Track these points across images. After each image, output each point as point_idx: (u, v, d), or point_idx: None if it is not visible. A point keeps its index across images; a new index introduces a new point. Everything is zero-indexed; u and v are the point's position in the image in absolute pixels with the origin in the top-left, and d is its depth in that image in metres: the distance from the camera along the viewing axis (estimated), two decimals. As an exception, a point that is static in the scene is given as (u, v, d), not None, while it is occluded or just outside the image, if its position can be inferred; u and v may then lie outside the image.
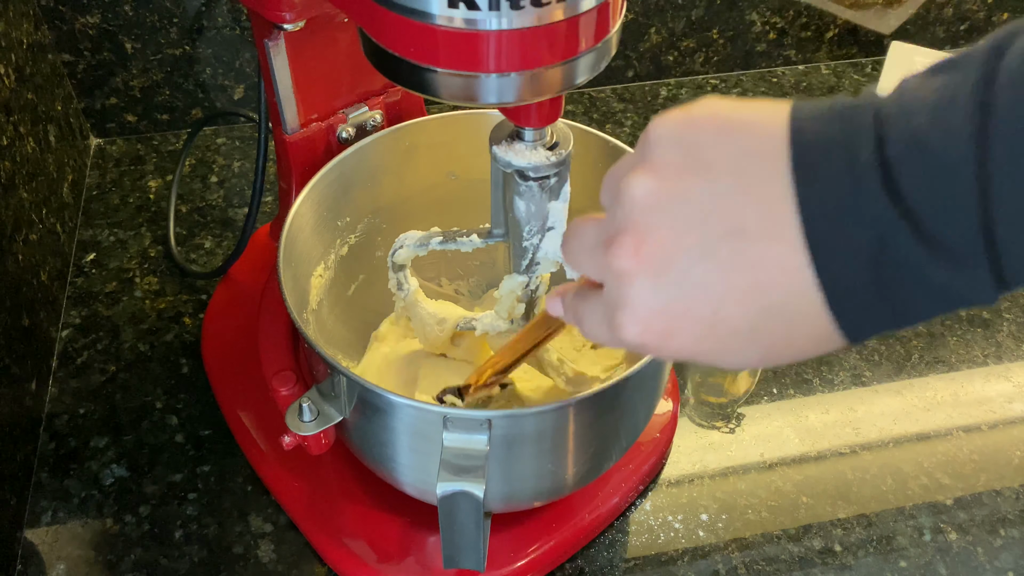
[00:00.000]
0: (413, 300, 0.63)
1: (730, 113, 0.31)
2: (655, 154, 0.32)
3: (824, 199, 0.28)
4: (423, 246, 0.58)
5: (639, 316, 0.32)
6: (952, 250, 0.27)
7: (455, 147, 0.66)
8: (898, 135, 0.27)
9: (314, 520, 0.63)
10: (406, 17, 0.39)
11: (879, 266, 0.28)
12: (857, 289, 0.29)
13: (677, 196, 0.31)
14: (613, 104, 1.02)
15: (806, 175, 0.29)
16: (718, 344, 0.32)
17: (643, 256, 0.31)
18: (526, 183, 0.49)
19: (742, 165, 0.30)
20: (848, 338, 0.30)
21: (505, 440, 0.50)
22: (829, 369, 0.77)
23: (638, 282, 0.32)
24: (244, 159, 0.94)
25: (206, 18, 0.90)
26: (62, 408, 0.72)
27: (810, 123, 0.29)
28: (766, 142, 0.30)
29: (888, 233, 0.27)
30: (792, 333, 0.31)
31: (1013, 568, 0.64)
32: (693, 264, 0.31)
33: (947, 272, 0.27)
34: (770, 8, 1.01)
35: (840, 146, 0.28)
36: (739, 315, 0.31)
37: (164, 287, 0.81)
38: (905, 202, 0.27)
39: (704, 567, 0.63)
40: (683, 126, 0.32)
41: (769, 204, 0.29)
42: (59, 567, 0.63)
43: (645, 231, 0.31)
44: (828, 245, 0.29)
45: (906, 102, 0.28)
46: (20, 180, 0.73)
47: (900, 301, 0.29)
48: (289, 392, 0.57)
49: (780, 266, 0.29)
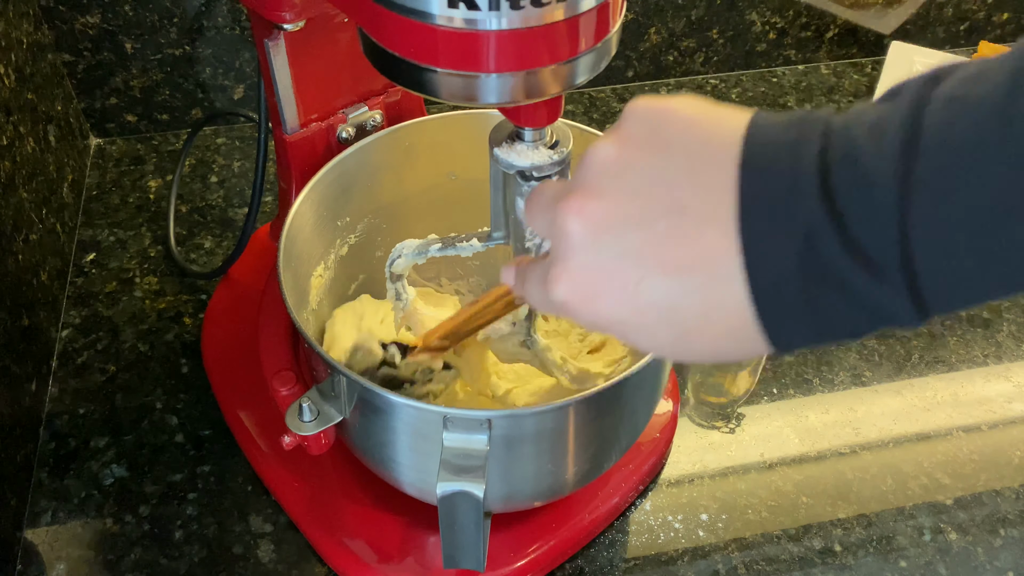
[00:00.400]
0: (412, 309, 0.63)
1: (702, 109, 0.33)
2: (624, 125, 0.34)
3: (763, 191, 0.30)
4: (422, 254, 0.58)
5: (570, 272, 0.34)
6: (872, 259, 0.28)
7: (455, 147, 0.66)
8: (838, 145, 0.29)
9: (314, 520, 0.63)
10: (406, 17, 0.39)
11: (805, 264, 0.29)
12: (781, 284, 0.30)
13: (631, 165, 0.33)
14: (613, 104, 1.02)
15: (751, 169, 0.30)
16: (635, 315, 0.33)
17: (586, 215, 0.33)
18: (528, 183, 0.49)
19: (697, 150, 0.32)
20: (768, 336, 0.31)
21: (505, 440, 0.50)
22: (829, 369, 0.77)
23: (576, 239, 0.33)
24: (244, 159, 0.94)
25: (206, 18, 0.90)
26: (62, 408, 0.72)
27: (767, 128, 0.31)
28: (724, 136, 0.31)
29: (816, 232, 0.29)
30: (709, 319, 0.32)
31: (1013, 568, 0.64)
32: (630, 230, 0.32)
33: (867, 280, 0.28)
34: (770, 8, 1.01)
35: (787, 149, 0.30)
36: (661, 288, 0.32)
37: (164, 287, 0.81)
38: (835, 205, 0.28)
39: (704, 567, 0.63)
40: (657, 108, 0.34)
41: (713, 189, 0.31)
42: (59, 567, 0.63)
43: (595, 192, 0.33)
44: (759, 234, 0.30)
45: (851, 119, 0.30)
46: (20, 180, 0.73)
47: (823, 304, 0.29)
48: (289, 392, 0.57)
49: (711, 247, 0.31)
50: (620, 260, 0.33)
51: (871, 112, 0.30)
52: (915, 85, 0.29)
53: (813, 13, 1.02)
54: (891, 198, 0.28)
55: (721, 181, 0.31)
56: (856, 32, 1.06)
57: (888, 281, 0.28)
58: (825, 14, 1.03)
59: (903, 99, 0.29)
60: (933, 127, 0.28)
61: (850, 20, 1.04)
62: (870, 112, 0.30)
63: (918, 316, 0.29)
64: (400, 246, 0.59)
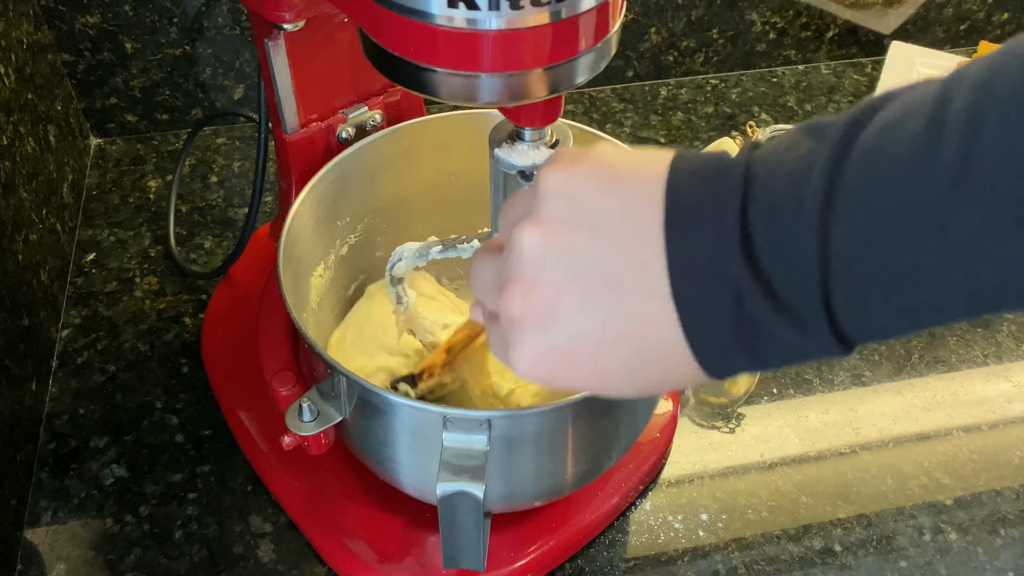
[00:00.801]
0: (414, 312, 0.63)
1: (614, 167, 0.33)
2: (543, 207, 0.34)
3: (689, 257, 0.31)
4: (422, 256, 0.58)
5: (527, 357, 0.35)
6: (797, 313, 0.30)
7: (455, 147, 0.66)
8: (759, 200, 0.30)
9: (314, 520, 0.63)
10: (406, 17, 0.39)
11: (737, 321, 0.30)
12: (719, 340, 0.31)
13: (561, 251, 0.33)
14: (613, 104, 1.02)
15: (675, 235, 0.31)
16: (600, 382, 0.35)
17: (530, 305, 0.34)
18: (528, 183, 0.49)
19: (621, 225, 0.32)
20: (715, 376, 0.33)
21: (505, 440, 0.50)
22: (829, 369, 0.77)
23: (526, 329, 0.35)
24: (244, 159, 0.94)
25: (206, 18, 0.90)
26: (62, 408, 0.72)
27: (686, 181, 0.31)
28: (644, 199, 0.32)
29: (744, 292, 0.30)
30: (666, 375, 0.34)
31: (1013, 568, 0.64)
32: (576, 314, 0.33)
33: (793, 332, 0.30)
34: (770, 8, 1.01)
35: (708, 206, 0.31)
36: (618, 361, 0.34)
37: (164, 287, 0.81)
38: (758, 265, 0.30)
39: (704, 567, 0.63)
40: (569, 180, 0.34)
41: (643, 262, 0.32)
42: (59, 567, 0.63)
43: (532, 282, 0.34)
44: (692, 301, 0.31)
45: (772, 166, 0.30)
46: (20, 180, 0.73)
47: (757, 352, 0.31)
48: (289, 392, 0.57)
49: (652, 319, 0.32)
50: (572, 343, 0.34)
51: (792, 157, 0.30)
52: (838, 130, 0.29)
53: (813, 13, 1.02)
54: (812, 261, 0.29)
55: (649, 252, 0.31)
56: (856, 32, 1.06)
57: (814, 333, 0.30)
58: (825, 14, 1.03)
59: (824, 145, 0.29)
60: (851, 185, 0.28)
61: (850, 20, 1.04)
62: (791, 157, 0.30)
63: (844, 352, 0.31)
64: (400, 249, 0.58)
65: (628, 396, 0.36)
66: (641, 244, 0.32)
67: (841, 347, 0.30)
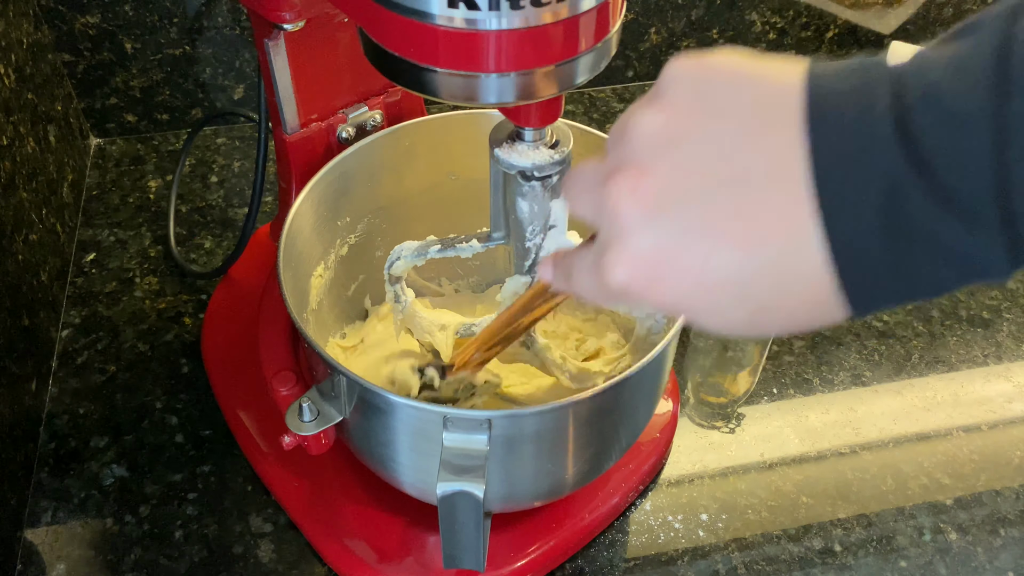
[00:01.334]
0: (412, 312, 0.63)
1: (747, 64, 0.30)
2: (668, 92, 0.31)
3: (835, 148, 0.27)
4: (421, 256, 0.58)
5: (628, 256, 0.31)
6: (964, 206, 0.26)
7: (455, 147, 0.66)
8: (915, 87, 0.26)
9: (314, 520, 0.63)
10: (406, 17, 0.39)
11: (888, 220, 0.27)
12: (863, 245, 0.27)
13: (685, 136, 0.30)
14: (613, 104, 1.02)
15: (819, 123, 0.27)
16: (705, 297, 0.30)
17: (640, 193, 0.30)
18: (529, 183, 0.49)
19: (754, 112, 0.29)
20: (850, 301, 0.29)
21: (505, 440, 0.50)
22: (829, 369, 0.77)
23: (631, 219, 0.30)
24: (244, 159, 0.94)
25: (206, 18, 0.90)
26: (62, 408, 0.72)
27: (827, 76, 0.28)
28: (781, 91, 0.29)
29: (899, 185, 0.26)
30: (786, 293, 0.29)
31: (1013, 568, 0.64)
32: (690, 207, 0.29)
33: (958, 231, 0.26)
34: (770, 8, 1.01)
35: (855, 96, 0.27)
36: (731, 266, 0.29)
37: (164, 287, 0.81)
38: (919, 153, 0.26)
39: (704, 567, 0.63)
40: (699, 69, 0.31)
41: (778, 151, 0.28)
42: (59, 567, 0.63)
43: (647, 167, 0.30)
44: (836, 195, 0.27)
45: (923, 63, 0.27)
46: (20, 180, 0.73)
47: (908, 261, 0.27)
48: (289, 392, 0.57)
49: (783, 216, 0.28)
50: (683, 238, 0.30)
51: (944, 53, 0.27)
52: (993, 21, 0.26)
53: (813, 13, 1.02)
54: (985, 138, 0.25)
55: (785, 141, 0.28)
56: (856, 32, 1.06)
57: (982, 231, 0.26)
58: (825, 14, 1.03)
59: (983, 36, 0.26)
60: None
61: (850, 20, 1.04)
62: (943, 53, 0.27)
63: (1011, 266, 0.27)
64: (399, 248, 0.58)
65: (732, 325, 0.31)
66: (776, 133, 0.28)
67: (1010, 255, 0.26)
